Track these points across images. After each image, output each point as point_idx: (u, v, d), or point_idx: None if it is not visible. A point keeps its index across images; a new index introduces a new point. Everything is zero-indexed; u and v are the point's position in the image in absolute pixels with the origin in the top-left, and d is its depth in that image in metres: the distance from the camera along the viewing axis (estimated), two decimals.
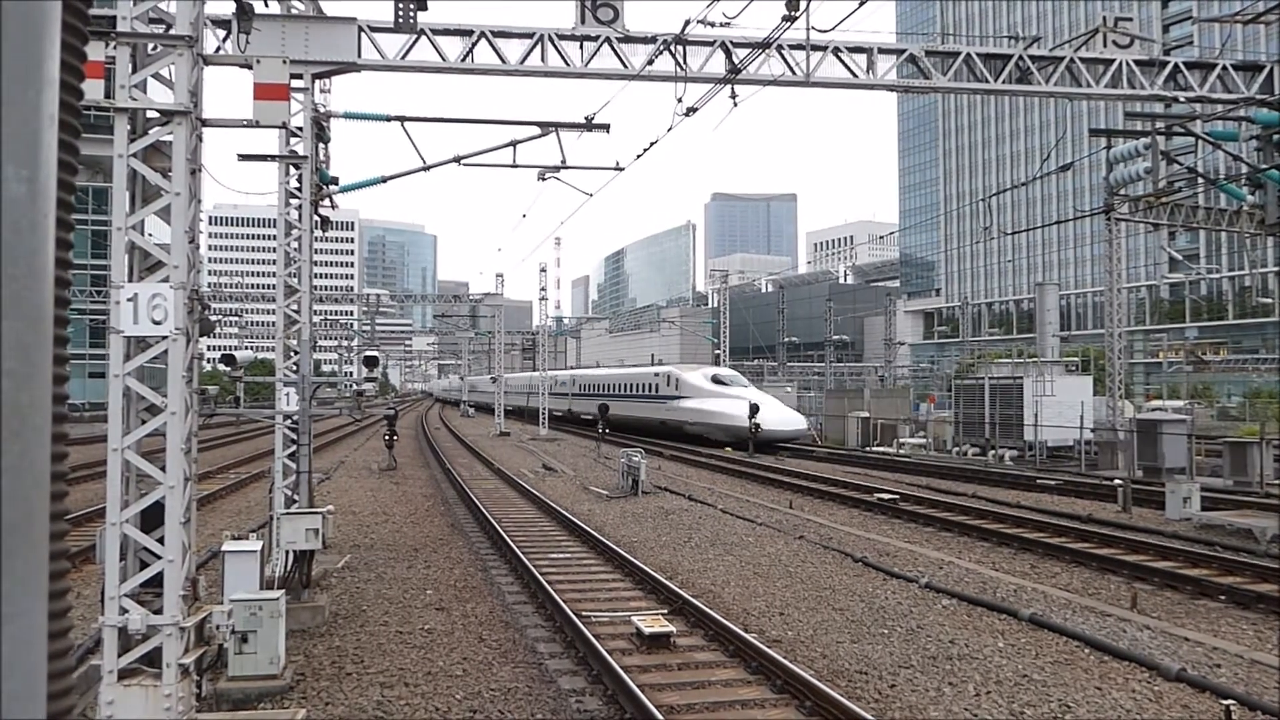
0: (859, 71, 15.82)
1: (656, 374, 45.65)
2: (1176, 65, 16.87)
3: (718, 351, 63.26)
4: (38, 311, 0.85)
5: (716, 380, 43.81)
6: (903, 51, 16.36)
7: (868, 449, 41.54)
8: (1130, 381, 49.03)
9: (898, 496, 23.21)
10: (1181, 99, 17.11)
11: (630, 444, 32.43)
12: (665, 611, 12.35)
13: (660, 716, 8.32)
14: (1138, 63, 16.52)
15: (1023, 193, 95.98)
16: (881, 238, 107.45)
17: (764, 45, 14.86)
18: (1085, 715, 8.85)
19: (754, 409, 38.56)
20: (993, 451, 35.20)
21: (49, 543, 0.89)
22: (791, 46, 15.36)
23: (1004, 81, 16.30)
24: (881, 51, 16.05)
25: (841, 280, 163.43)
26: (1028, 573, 15.22)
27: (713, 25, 14.99)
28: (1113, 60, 16.40)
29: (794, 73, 15.41)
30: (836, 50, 15.65)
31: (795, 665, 9.75)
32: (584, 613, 12.08)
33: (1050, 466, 31.86)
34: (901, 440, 41.77)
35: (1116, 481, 23.43)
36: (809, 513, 21.80)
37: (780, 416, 40.68)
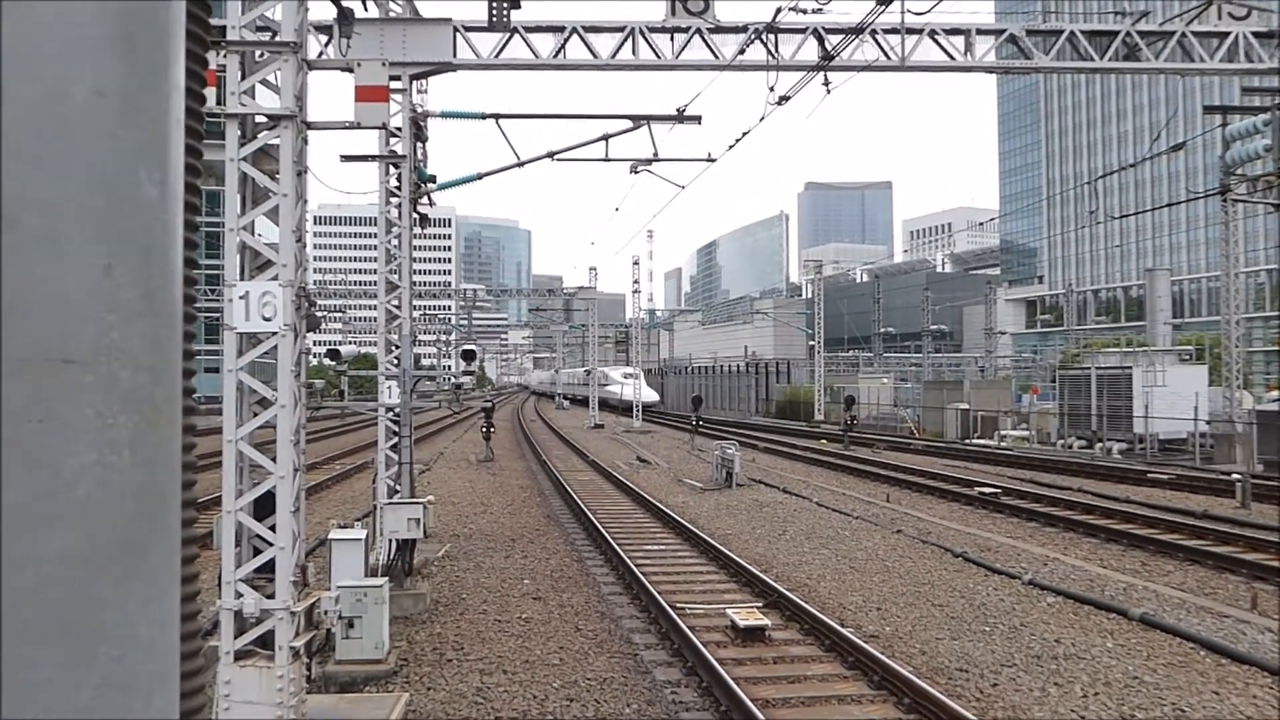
0: (956, 54, 15.43)
1: (596, 371, 65.23)
2: None
3: (812, 343, 62.85)
4: (170, 309, 0.89)
5: (624, 375, 69.27)
6: (1002, 31, 15.89)
7: (967, 441, 40.52)
8: (1249, 371, 46.61)
9: (999, 490, 22.58)
10: None
11: (723, 436, 32.44)
12: (760, 605, 12.30)
13: (756, 710, 8.29)
14: (1255, 34, 15.70)
15: (1131, 175, 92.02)
16: (981, 224, 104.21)
17: (858, 30, 14.62)
18: None
19: (849, 402, 40.56)
20: (1100, 444, 33.93)
21: (181, 529, 0.94)
22: (886, 31, 15.08)
23: (1110, 59, 15.68)
24: (980, 32, 15.62)
25: (939, 269, 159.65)
26: (1138, 570, 14.64)
27: (804, 12, 14.82)
28: (1228, 33, 15.62)
29: (889, 57, 15.12)
30: (933, 33, 15.29)
31: (893, 661, 9.60)
32: (678, 604, 12.11)
33: (1162, 460, 30.56)
34: (1003, 433, 40.62)
35: (1235, 476, 22.33)
36: (906, 506, 21.40)
37: (646, 392, 63.48)
